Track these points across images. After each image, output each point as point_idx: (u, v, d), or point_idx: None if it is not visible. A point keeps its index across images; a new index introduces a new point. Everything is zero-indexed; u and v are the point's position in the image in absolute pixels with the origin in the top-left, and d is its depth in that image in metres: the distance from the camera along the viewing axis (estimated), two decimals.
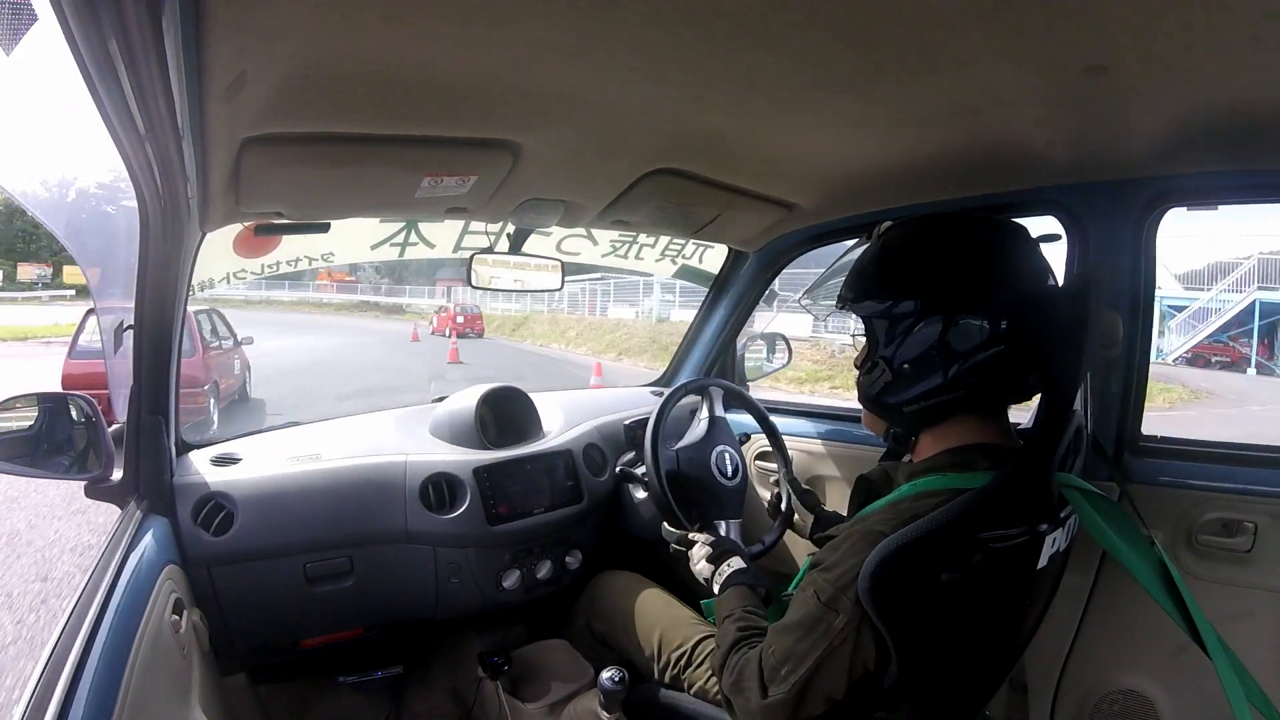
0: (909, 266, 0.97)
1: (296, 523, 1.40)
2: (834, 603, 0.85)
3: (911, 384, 0.95)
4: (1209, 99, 0.94)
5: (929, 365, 0.93)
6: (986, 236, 0.96)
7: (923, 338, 0.93)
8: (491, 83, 0.90)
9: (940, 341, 0.92)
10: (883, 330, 0.98)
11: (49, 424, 1.29)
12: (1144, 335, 1.30)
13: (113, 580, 0.92)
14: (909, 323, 0.94)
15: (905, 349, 0.95)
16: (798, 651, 0.87)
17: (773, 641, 0.91)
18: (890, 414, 1.02)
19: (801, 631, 0.87)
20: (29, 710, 0.67)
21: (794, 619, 0.89)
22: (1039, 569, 0.92)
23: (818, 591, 0.87)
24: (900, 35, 0.80)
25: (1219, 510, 1.24)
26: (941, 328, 0.92)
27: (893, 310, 0.96)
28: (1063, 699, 1.41)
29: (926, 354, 0.93)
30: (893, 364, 0.96)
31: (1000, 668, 1.06)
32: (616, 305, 21.27)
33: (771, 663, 0.89)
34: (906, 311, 0.94)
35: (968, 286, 0.92)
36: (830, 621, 0.85)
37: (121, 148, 0.81)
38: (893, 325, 0.96)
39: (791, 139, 1.20)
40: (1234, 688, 0.84)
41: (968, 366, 0.91)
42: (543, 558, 1.60)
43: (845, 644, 0.84)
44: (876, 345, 0.99)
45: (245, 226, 1.47)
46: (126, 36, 0.56)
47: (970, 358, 0.91)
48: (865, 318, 1.00)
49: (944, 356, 0.92)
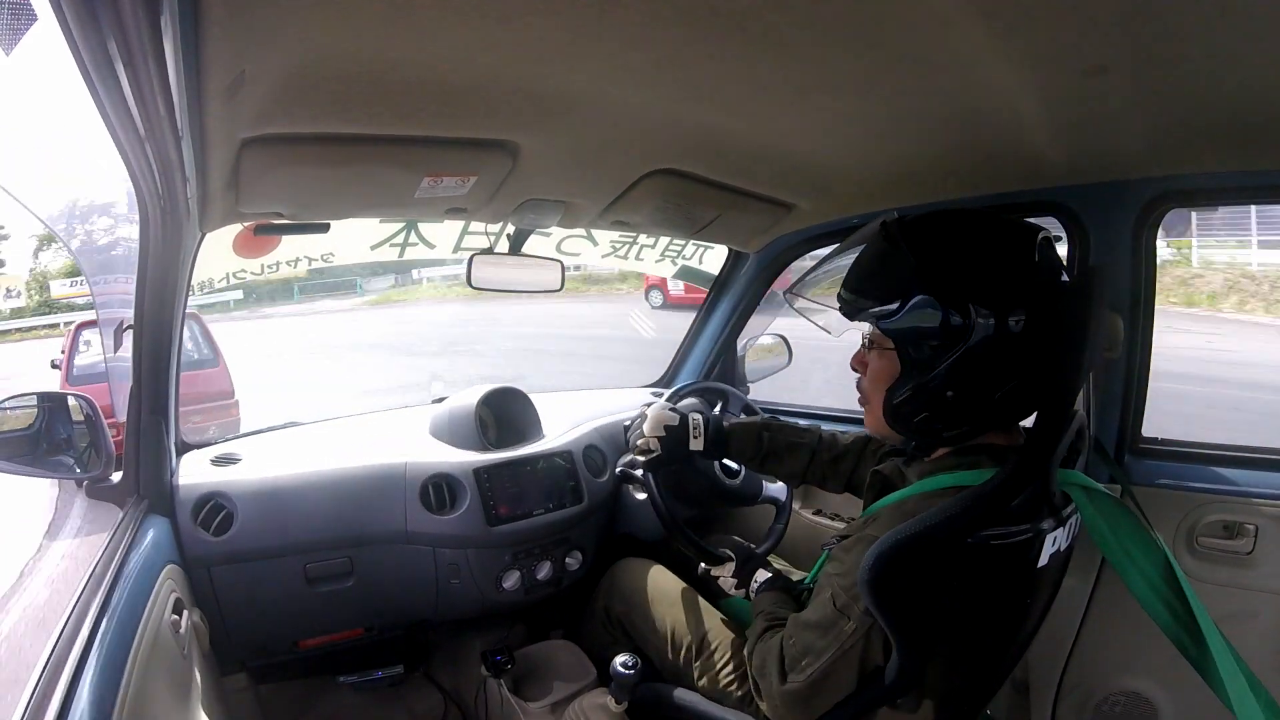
0: (958, 278, 0.87)
1: (296, 523, 1.40)
2: (847, 609, 0.89)
3: (955, 411, 0.90)
4: (1209, 99, 0.94)
5: (976, 391, 0.88)
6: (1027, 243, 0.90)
7: (971, 360, 0.86)
8: (491, 83, 0.90)
9: (990, 363, 0.86)
10: (922, 351, 0.89)
11: (49, 424, 1.30)
12: (1145, 336, 1.30)
13: (113, 580, 0.92)
14: (956, 344, 0.86)
15: (952, 375, 0.87)
16: (816, 647, 0.92)
17: (794, 634, 0.96)
18: (924, 438, 0.97)
19: (819, 631, 0.92)
20: (29, 710, 0.67)
21: (814, 618, 0.94)
22: (1040, 567, 0.92)
23: (833, 595, 0.91)
24: (900, 35, 0.80)
25: (1219, 512, 1.24)
26: (991, 348, 0.85)
27: (938, 329, 0.86)
28: (1064, 700, 1.41)
29: (975, 379, 0.87)
30: (935, 391, 0.89)
31: (1002, 666, 1.06)
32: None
33: (793, 653, 0.94)
34: (955, 330, 0.85)
35: (1020, 301, 0.86)
36: (842, 626, 0.90)
37: (121, 148, 0.81)
38: (938, 349, 0.87)
39: (791, 139, 1.20)
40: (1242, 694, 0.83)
41: (1011, 388, 0.88)
42: (543, 558, 1.60)
43: (855, 647, 0.89)
44: (911, 367, 0.91)
45: (245, 227, 1.47)
46: (125, 37, 0.56)
47: (1016, 378, 0.88)
48: (897, 334, 0.91)
49: (993, 379, 0.88)
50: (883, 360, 0.96)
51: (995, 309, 0.85)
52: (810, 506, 1.82)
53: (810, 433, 1.38)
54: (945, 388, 0.88)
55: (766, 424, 1.40)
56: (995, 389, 0.88)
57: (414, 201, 1.26)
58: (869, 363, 1.00)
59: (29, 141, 18.17)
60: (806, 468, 1.35)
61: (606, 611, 1.53)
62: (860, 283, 0.94)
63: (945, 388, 0.88)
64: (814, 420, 1.89)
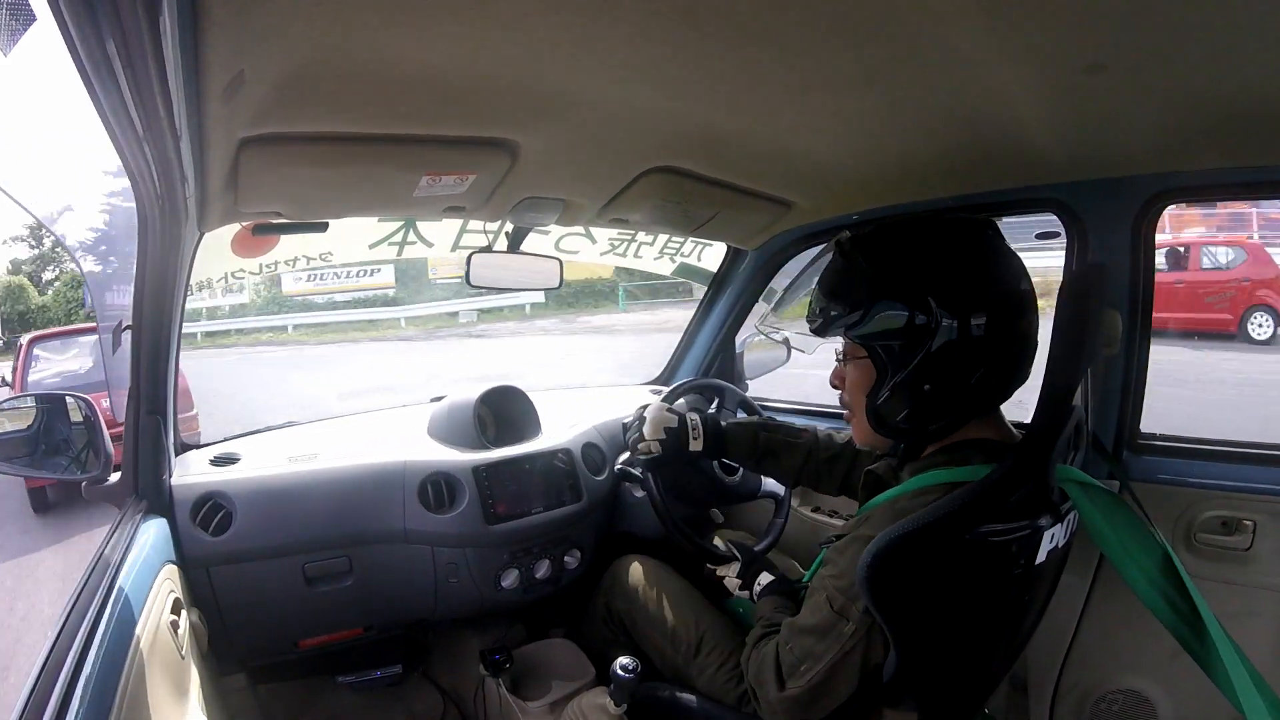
0: (915, 276, 0.91)
1: (295, 523, 1.40)
2: (844, 611, 0.89)
3: (936, 403, 0.93)
4: (1207, 96, 0.94)
5: (951, 379, 0.91)
6: (975, 235, 0.94)
7: (941, 352, 0.89)
8: (489, 81, 0.90)
9: (959, 351, 0.89)
10: (893, 352, 0.93)
11: (47, 424, 1.30)
12: (1144, 332, 1.30)
13: (111, 580, 0.92)
14: (925, 339, 0.89)
15: (925, 368, 0.91)
16: (815, 652, 0.92)
17: (790, 639, 0.95)
18: (910, 436, 1.00)
19: (817, 636, 0.92)
20: (27, 710, 0.67)
21: (811, 623, 0.93)
22: (1037, 565, 0.92)
23: (830, 598, 0.91)
24: (899, 34, 0.80)
25: (1218, 508, 1.24)
26: (958, 337, 0.89)
27: (905, 329, 0.90)
28: (1062, 698, 1.41)
29: (947, 368, 0.90)
30: (912, 386, 0.92)
31: (1000, 664, 1.06)
32: None
33: (790, 660, 0.94)
34: (921, 327, 0.89)
35: (977, 288, 0.90)
36: (841, 628, 0.90)
37: (119, 148, 0.81)
38: (907, 346, 0.91)
39: (790, 137, 1.20)
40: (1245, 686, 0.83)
41: (983, 373, 0.91)
42: (541, 557, 1.60)
43: (856, 649, 0.89)
44: (886, 369, 0.94)
45: (243, 226, 1.47)
46: (124, 37, 0.56)
47: (987, 362, 0.90)
48: (868, 340, 0.94)
49: (965, 366, 0.90)
50: (858, 369, 0.99)
51: (952, 300, 0.89)
52: (809, 504, 1.83)
53: (806, 433, 1.38)
54: (921, 381, 0.92)
55: (764, 424, 1.42)
56: (968, 375, 0.91)
57: (413, 200, 1.26)
58: (846, 375, 1.03)
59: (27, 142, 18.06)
60: (801, 467, 1.36)
61: (608, 608, 1.53)
62: (825, 300, 0.98)
63: (921, 381, 0.92)
64: (812, 419, 1.91)
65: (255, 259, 2.89)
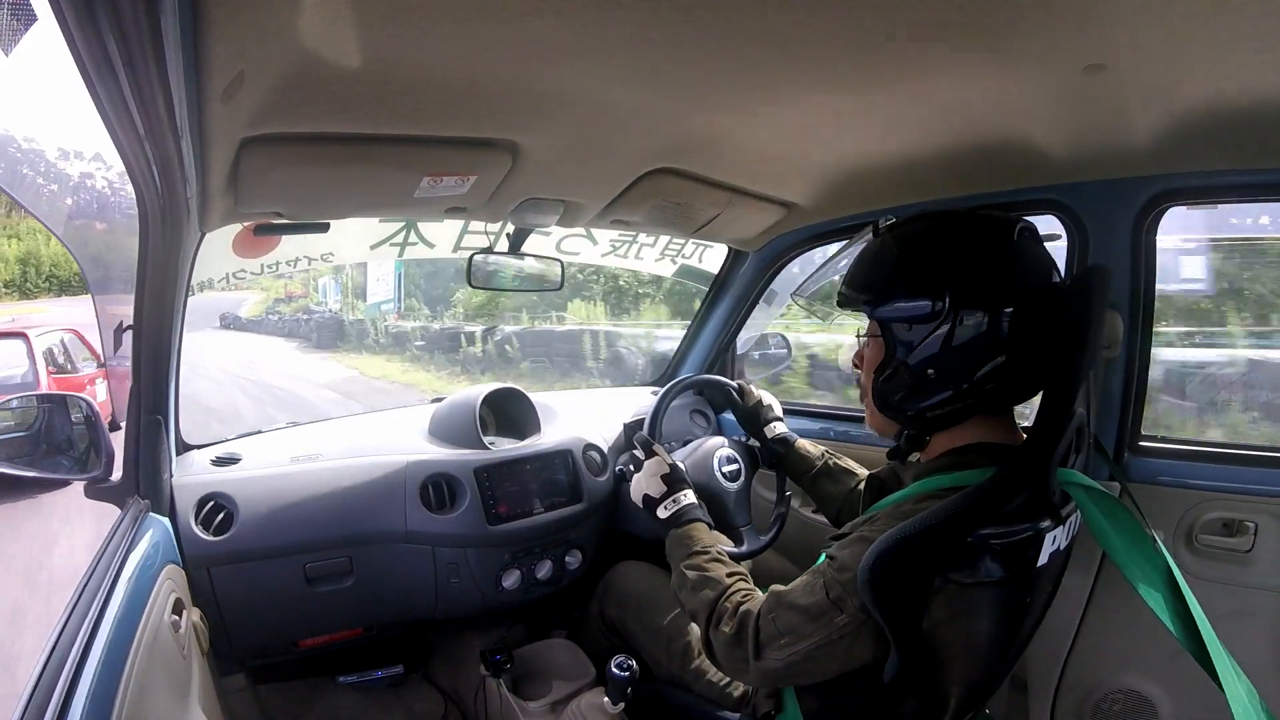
0: (934, 266, 0.93)
1: (296, 523, 1.40)
2: (840, 602, 0.89)
3: (936, 389, 0.95)
4: (1208, 97, 0.94)
5: (954, 369, 0.92)
6: (1003, 235, 0.95)
7: (949, 340, 0.91)
8: (490, 82, 0.90)
9: (967, 344, 0.91)
10: (904, 334, 0.95)
11: (48, 424, 1.30)
12: (1145, 335, 1.30)
13: (112, 580, 0.92)
14: (934, 325, 0.92)
15: (931, 353, 0.93)
16: (801, 631, 0.92)
17: (776, 611, 0.96)
18: (911, 419, 1.01)
19: (807, 617, 0.92)
20: (28, 710, 0.67)
21: (803, 602, 0.93)
22: (1039, 567, 0.92)
23: (827, 586, 0.91)
24: (899, 34, 0.80)
25: (1219, 510, 1.24)
26: (968, 329, 0.91)
27: (917, 313, 0.93)
28: (1063, 698, 1.41)
29: (952, 357, 0.92)
30: (916, 369, 0.95)
31: (1001, 665, 1.06)
32: None
33: (771, 630, 0.95)
34: (932, 314, 0.92)
35: (993, 286, 0.91)
36: (833, 618, 0.90)
37: (121, 148, 0.81)
38: (916, 328, 0.94)
39: (790, 138, 1.20)
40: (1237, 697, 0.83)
41: (991, 368, 0.92)
42: (542, 558, 1.60)
43: (843, 640, 0.90)
44: (895, 349, 0.97)
45: (244, 226, 1.47)
46: (125, 37, 0.56)
47: (994, 359, 0.91)
48: (884, 320, 0.98)
49: (970, 359, 0.92)
50: (873, 348, 1.01)
51: (964, 294, 0.90)
52: (809, 505, 1.82)
53: (859, 476, 1.42)
54: (926, 365, 0.94)
55: (831, 451, 1.48)
56: (973, 368, 0.92)
57: (414, 201, 1.26)
58: (864, 354, 1.05)
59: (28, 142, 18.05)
60: (847, 495, 1.40)
61: (601, 615, 1.53)
62: (853, 277, 1.02)
63: (926, 365, 0.94)
64: (816, 418, 1.92)
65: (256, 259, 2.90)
